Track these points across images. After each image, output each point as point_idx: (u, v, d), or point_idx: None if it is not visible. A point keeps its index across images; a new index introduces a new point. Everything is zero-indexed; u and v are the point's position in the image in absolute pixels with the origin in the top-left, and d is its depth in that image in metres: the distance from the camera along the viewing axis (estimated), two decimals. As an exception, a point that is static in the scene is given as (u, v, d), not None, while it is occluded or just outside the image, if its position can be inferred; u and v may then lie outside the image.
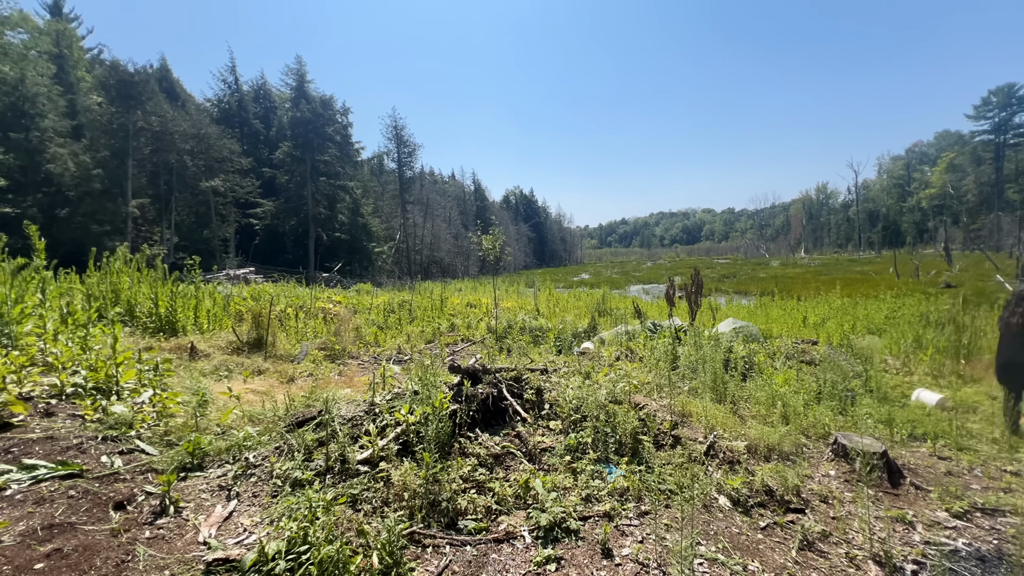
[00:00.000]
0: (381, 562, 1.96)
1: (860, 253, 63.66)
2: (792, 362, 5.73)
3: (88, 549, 1.97)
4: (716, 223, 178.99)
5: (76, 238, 25.33)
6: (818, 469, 3.14)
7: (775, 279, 26.04)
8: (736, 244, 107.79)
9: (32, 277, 4.55)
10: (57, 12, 35.70)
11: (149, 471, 2.61)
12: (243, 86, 45.31)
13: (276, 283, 16.84)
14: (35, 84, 26.08)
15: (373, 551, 2.00)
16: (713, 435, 3.15)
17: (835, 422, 3.98)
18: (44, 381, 3.42)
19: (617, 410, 3.32)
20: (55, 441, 2.75)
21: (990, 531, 2.54)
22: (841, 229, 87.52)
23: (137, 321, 5.85)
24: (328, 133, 41.10)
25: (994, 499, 2.81)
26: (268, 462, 2.70)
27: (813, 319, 10.52)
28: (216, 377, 4.43)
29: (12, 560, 1.86)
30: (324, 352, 5.64)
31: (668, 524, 2.38)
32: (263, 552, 1.88)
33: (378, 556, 1.97)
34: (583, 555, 2.14)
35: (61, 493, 2.31)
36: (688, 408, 3.61)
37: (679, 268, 35.03)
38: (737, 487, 2.67)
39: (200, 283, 7.01)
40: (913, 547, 2.34)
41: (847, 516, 2.62)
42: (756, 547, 2.28)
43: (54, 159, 26.25)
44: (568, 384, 3.77)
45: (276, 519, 2.23)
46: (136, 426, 3.02)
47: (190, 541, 2.11)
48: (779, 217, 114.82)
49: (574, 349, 5.72)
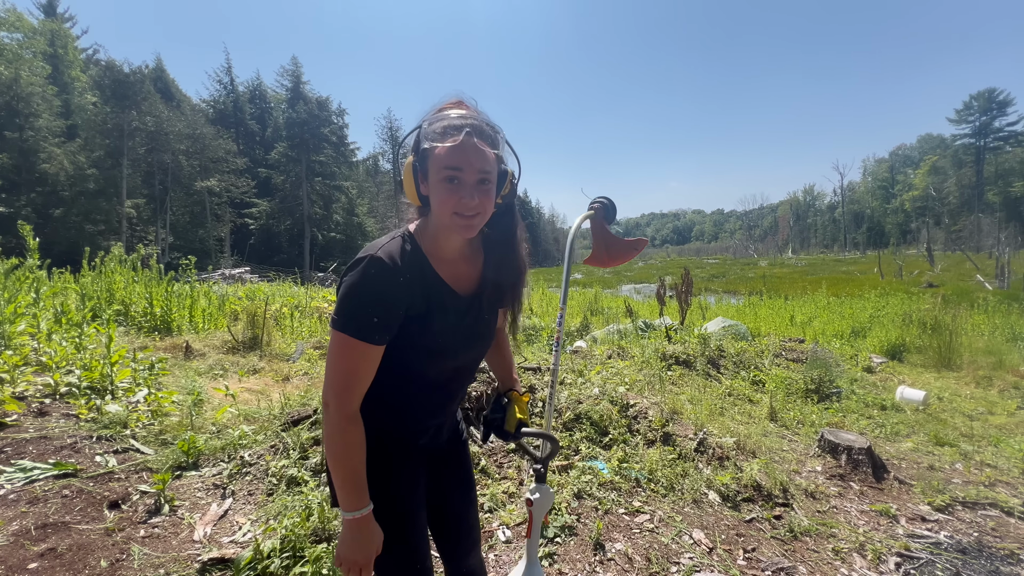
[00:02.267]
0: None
1: (846, 253, 64.38)
2: (780, 360, 5.80)
3: (82, 548, 1.99)
4: (706, 224, 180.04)
5: (71, 237, 25.20)
6: (805, 464, 3.19)
7: (763, 279, 26.24)
8: (725, 244, 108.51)
9: (26, 276, 4.55)
10: (52, 12, 35.47)
11: (144, 470, 2.63)
12: (239, 87, 45.20)
13: (271, 283, 16.81)
14: (30, 84, 25.93)
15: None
16: (703, 432, 3.20)
17: (821, 418, 4.05)
18: (38, 381, 3.43)
19: (609, 407, 3.36)
20: (49, 441, 2.76)
21: (971, 524, 2.60)
22: (827, 230, 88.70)
23: (132, 320, 5.84)
24: (324, 134, 41.03)
25: (975, 493, 2.87)
26: (263, 460, 2.73)
27: (800, 318, 10.63)
28: (211, 376, 4.44)
29: (5, 560, 1.88)
30: (319, 351, 5.65)
31: (660, 519, 2.42)
32: (258, 550, 1.90)
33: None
34: (575, 550, 2.18)
35: (55, 493, 2.32)
36: (678, 406, 3.66)
37: (669, 268, 35.23)
38: (726, 483, 2.72)
39: (195, 283, 7.00)
40: (896, 540, 2.39)
41: (833, 510, 2.67)
42: (744, 540, 2.32)
43: (49, 159, 26.10)
44: (560, 381, 3.81)
45: (271, 517, 2.25)
46: (131, 425, 3.03)
47: (185, 540, 2.13)
48: (767, 218, 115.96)
49: (567, 347, 5.76)
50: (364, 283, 0.91)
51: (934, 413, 4.36)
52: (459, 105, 1.00)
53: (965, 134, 63.18)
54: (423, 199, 0.99)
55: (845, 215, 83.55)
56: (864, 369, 5.88)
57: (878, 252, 42.61)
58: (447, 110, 0.97)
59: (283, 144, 40.05)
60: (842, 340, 8.24)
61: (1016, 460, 3.41)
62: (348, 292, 0.92)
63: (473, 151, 0.91)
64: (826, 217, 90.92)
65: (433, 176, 0.93)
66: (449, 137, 0.90)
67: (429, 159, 0.92)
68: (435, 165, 0.92)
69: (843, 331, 9.00)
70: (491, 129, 0.96)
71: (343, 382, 0.93)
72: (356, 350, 0.92)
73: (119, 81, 29.73)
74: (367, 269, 0.92)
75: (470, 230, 0.96)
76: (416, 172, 0.96)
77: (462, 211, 0.93)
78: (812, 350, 5.81)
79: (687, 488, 2.68)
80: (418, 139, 0.96)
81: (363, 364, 0.94)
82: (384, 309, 0.93)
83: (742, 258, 65.98)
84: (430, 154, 0.92)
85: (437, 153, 0.91)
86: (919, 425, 4.04)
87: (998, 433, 3.92)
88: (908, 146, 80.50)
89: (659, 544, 2.24)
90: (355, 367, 0.93)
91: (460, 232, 0.96)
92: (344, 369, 0.93)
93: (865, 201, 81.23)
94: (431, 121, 0.95)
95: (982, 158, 60.44)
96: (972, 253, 36.70)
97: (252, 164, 40.06)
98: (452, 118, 0.93)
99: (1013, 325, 8.34)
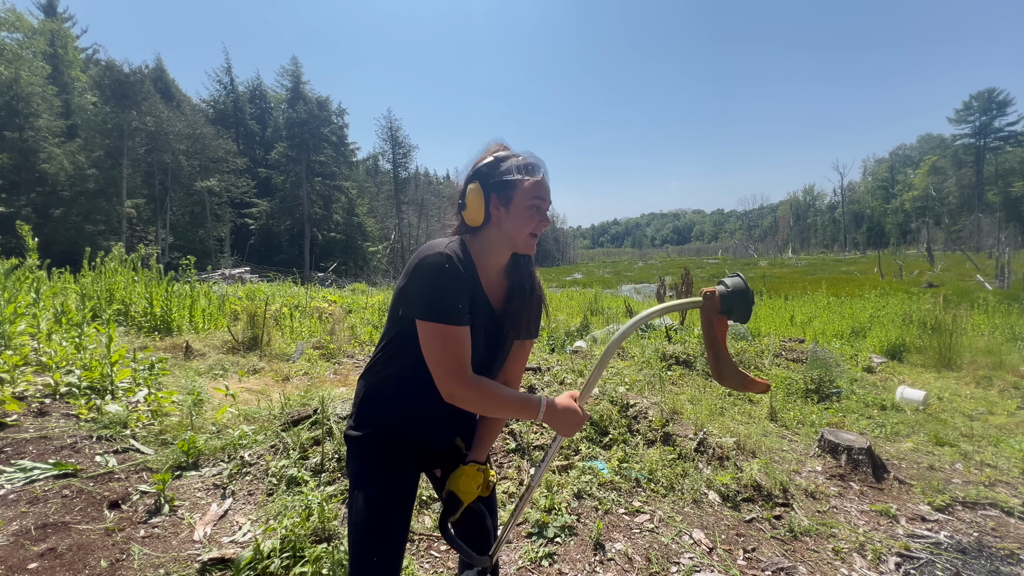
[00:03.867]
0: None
1: (846, 253, 64.33)
2: (780, 359, 5.80)
3: (82, 548, 1.98)
4: (706, 224, 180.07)
5: (71, 238, 25.19)
6: (805, 464, 3.19)
7: (763, 279, 26.19)
8: (725, 244, 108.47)
9: (26, 276, 4.54)
10: (52, 12, 35.42)
11: (144, 470, 2.63)
12: (239, 87, 45.16)
13: (271, 283, 16.80)
14: (29, 84, 25.91)
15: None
16: (703, 432, 3.20)
17: (821, 418, 4.05)
18: (38, 381, 3.43)
19: (609, 407, 3.36)
20: (49, 441, 2.76)
21: (971, 524, 2.60)
22: (827, 230, 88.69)
23: (132, 321, 5.84)
24: (324, 134, 41.00)
25: (975, 493, 2.87)
26: (263, 460, 2.73)
27: (800, 318, 10.63)
28: (211, 376, 4.44)
29: (5, 560, 1.87)
30: (319, 351, 5.65)
31: (660, 519, 2.42)
32: (258, 550, 1.90)
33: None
34: (575, 550, 2.18)
35: (55, 493, 2.32)
36: (678, 406, 3.66)
37: (670, 268, 35.22)
38: (726, 483, 2.72)
39: (195, 283, 7.00)
40: (896, 540, 2.39)
41: (833, 510, 2.67)
42: (744, 540, 2.32)
43: (49, 159, 26.08)
44: (560, 381, 3.81)
45: (271, 517, 2.25)
46: (131, 425, 3.03)
47: (185, 540, 2.13)
48: (767, 218, 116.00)
49: (567, 347, 5.76)
50: (443, 275, 1.02)
51: (934, 413, 4.36)
52: (505, 148, 1.17)
53: (965, 134, 63.21)
54: (486, 220, 1.13)
55: (845, 215, 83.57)
56: (864, 369, 5.88)
57: (878, 252, 42.62)
58: (504, 151, 1.15)
59: (283, 144, 40.02)
60: (842, 340, 8.24)
61: (1016, 460, 3.41)
62: (428, 284, 1.02)
63: (547, 186, 1.14)
64: (826, 217, 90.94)
65: (519, 203, 1.10)
66: (534, 172, 1.12)
67: (515, 189, 1.10)
68: (523, 195, 1.10)
69: (843, 331, 8.99)
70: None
71: (452, 367, 1.03)
72: (454, 335, 1.02)
73: (119, 81, 29.69)
74: (443, 263, 1.02)
75: (533, 248, 1.17)
76: (487, 196, 1.11)
77: (537, 231, 1.13)
78: (812, 350, 5.81)
79: (687, 488, 2.68)
80: (494, 170, 1.12)
81: (463, 344, 1.04)
82: (461, 297, 1.04)
83: (742, 258, 65.96)
84: (517, 185, 1.10)
85: (525, 186, 1.10)
86: (919, 425, 4.04)
87: (998, 433, 3.92)
88: (908, 146, 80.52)
89: (659, 544, 2.24)
90: (459, 350, 1.03)
91: (529, 250, 1.16)
92: (451, 355, 1.03)
93: (865, 201, 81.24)
94: (504, 159, 1.12)
95: (982, 158, 60.44)
96: (972, 253, 36.70)
97: (252, 164, 40.03)
98: (528, 158, 1.13)
99: (1013, 325, 8.34)
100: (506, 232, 1.12)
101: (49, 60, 30.66)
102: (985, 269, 24.52)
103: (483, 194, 1.11)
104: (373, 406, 1.19)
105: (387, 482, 1.16)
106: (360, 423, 1.19)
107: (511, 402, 1.08)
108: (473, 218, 1.13)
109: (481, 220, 1.13)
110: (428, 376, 1.07)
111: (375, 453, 1.17)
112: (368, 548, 1.12)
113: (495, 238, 1.14)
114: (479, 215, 1.12)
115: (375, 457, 1.17)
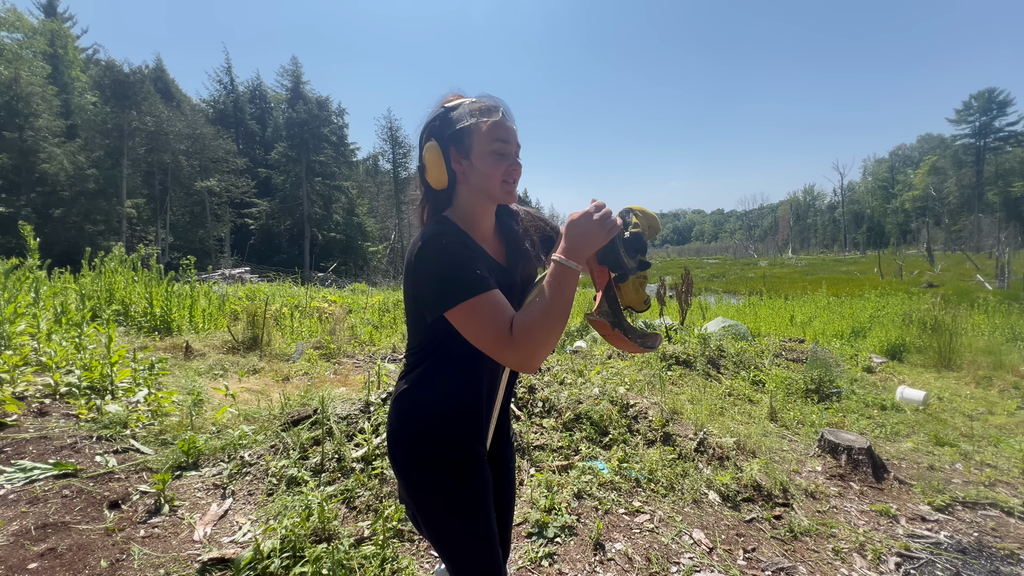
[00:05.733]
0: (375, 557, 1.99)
1: (846, 253, 64.33)
2: (780, 359, 5.80)
3: (82, 548, 1.98)
4: (706, 224, 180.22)
5: (71, 238, 25.19)
6: (805, 464, 3.19)
7: (763, 279, 26.20)
8: (725, 244, 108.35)
9: (26, 276, 4.55)
10: (52, 12, 35.45)
11: (144, 470, 2.63)
12: (239, 87, 45.18)
13: (271, 283, 16.81)
14: (29, 84, 25.93)
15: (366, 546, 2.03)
16: (703, 432, 3.20)
17: (821, 418, 4.05)
18: (38, 381, 3.43)
19: (609, 407, 3.36)
20: (49, 441, 2.76)
21: (971, 524, 2.60)
22: (827, 230, 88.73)
23: (132, 321, 5.84)
24: (324, 134, 40.99)
25: (975, 493, 2.87)
26: (263, 460, 2.73)
27: (800, 318, 10.62)
28: (211, 376, 4.44)
29: (5, 560, 1.87)
30: (319, 351, 5.65)
31: (660, 519, 2.42)
32: (258, 550, 1.90)
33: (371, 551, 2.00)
34: (575, 550, 2.18)
35: (55, 493, 2.32)
36: (678, 406, 3.66)
37: (669, 268, 35.19)
38: (726, 483, 2.72)
39: (195, 283, 7.00)
40: (896, 540, 2.39)
41: (833, 510, 2.67)
42: (744, 540, 2.32)
43: (49, 159, 26.08)
44: (560, 381, 3.81)
45: (271, 517, 2.25)
46: (131, 425, 3.03)
47: (185, 540, 2.13)
48: (767, 218, 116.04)
49: (567, 347, 5.76)
50: (446, 253, 0.93)
51: (934, 413, 4.36)
52: (459, 96, 1.05)
53: (965, 134, 63.31)
54: (451, 178, 1.03)
55: (845, 215, 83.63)
56: (864, 369, 5.88)
57: (878, 252, 42.62)
58: (456, 99, 1.03)
59: (283, 144, 40.01)
60: (842, 340, 8.23)
61: (1016, 460, 3.40)
62: (438, 268, 0.93)
63: (510, 125, 1.01)
64: (826, 217, 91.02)
65: (480, 149, 0.98)
66: (491, 114, 0.99)
67: (472, 135, 0.98)
68: (482, 139, 0.98)
69: (843, 331, 8.99)
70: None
71: (495, 336, 0.89)
72: (485, 303, 0.90)
73: (119, 81, 29.71)
74: (437, 242, 0.94)
75: (513, 196, 1.04)
76: (447, 151, 1.00)
77: (509, 178, 1.01)
78: (812, 350, 5.81)
79: (687, 488, 2.68)
80: (446, 121, 1.00)
81: (497, 310, 0.91)
82: (475, 263, 0.94)
83: (742, 258, 65.93)
84: (474, 130, 0.98)
85: (483, 130, 0.98)
86: (919, 425, 4.04)
87: (998, 433, 3.92)
88: (908, 146, 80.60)
89: (659, 544, 2.24)
90: (494, 317, 0.90)
91: (506, 198, 1.04)
92: (489, 325, 0.90)
93: (865, 201, 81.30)
94: (455, 107, 1.01)
95: (982, 158, 60.52)
96: (972, 253, 36.72)
97: (252, 164, 40.06)
98: (482, 101, 1.01)
99: (1013, 325, 8.33)
100: (476, 186, 1.01)
101: (49, 60, 30.68)
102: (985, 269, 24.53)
103: (441, 150, 0.99)
104: (435, 426, 1.07)
105: (476, 503, 1.06)
106: (420, 448, 1.06)
107: (555, 299, 0.89)
108: (437, 179, 1.02)
109: (446, 180, 1.02)
110: (476, 374, 1.03)
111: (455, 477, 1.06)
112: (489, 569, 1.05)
113: (469, 196, 1.04)
114: (442, 174, 1.01)
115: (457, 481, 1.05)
